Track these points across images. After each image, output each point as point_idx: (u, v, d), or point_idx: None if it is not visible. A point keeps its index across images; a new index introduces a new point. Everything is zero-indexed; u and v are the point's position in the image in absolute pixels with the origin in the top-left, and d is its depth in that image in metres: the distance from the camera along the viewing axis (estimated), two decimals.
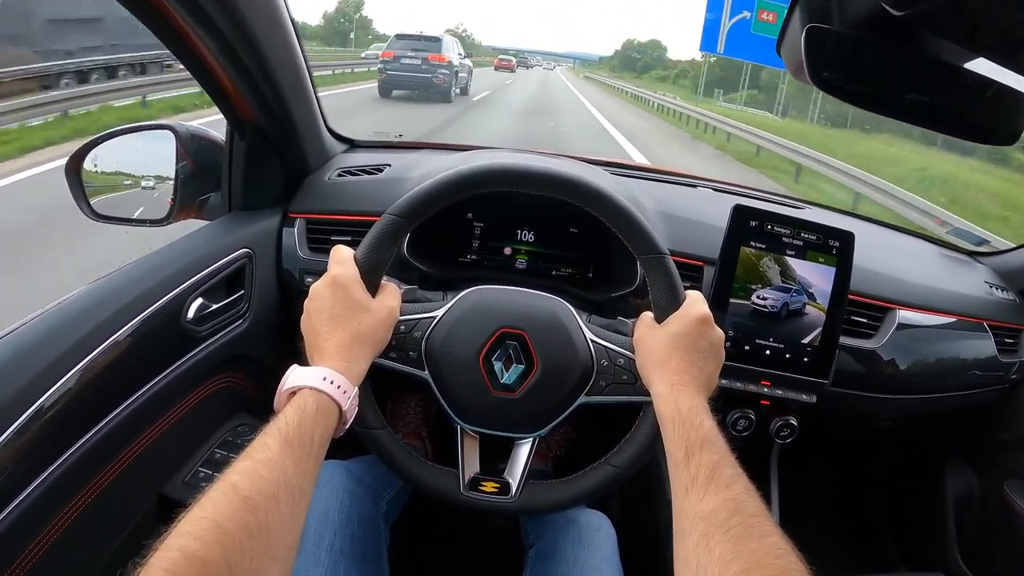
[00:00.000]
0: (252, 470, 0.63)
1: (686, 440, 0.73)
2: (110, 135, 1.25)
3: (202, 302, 1.11)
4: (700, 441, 0.73)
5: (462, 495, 0.92)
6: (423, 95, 16.57)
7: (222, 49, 1.00)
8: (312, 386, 0.74)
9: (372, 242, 0.87)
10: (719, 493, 0.67)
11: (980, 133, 0.93)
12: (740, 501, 0.66)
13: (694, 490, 0.68)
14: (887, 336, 1.33)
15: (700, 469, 0.69)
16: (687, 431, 0.74)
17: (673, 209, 1.38)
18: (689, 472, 0.70)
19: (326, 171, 1.41)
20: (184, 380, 1.08)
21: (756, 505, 0.66)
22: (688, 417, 0.75)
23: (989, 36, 0.75)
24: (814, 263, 1.16)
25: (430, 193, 0.89)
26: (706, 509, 0.65)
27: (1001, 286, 1.58)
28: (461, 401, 0.92)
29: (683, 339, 0.83)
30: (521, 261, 1.34)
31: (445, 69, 16.62)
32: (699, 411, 0.76)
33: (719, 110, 22.44)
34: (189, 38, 0.99)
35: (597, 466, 0.92)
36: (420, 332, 0.92)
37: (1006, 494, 1.55)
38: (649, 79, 62.59)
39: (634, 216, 0.89)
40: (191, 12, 0.91)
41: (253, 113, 1.16)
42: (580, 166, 1.44)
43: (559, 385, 0.91)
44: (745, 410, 1.24)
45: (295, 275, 1.28)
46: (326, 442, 0.73)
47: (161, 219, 1.25)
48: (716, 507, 0.65)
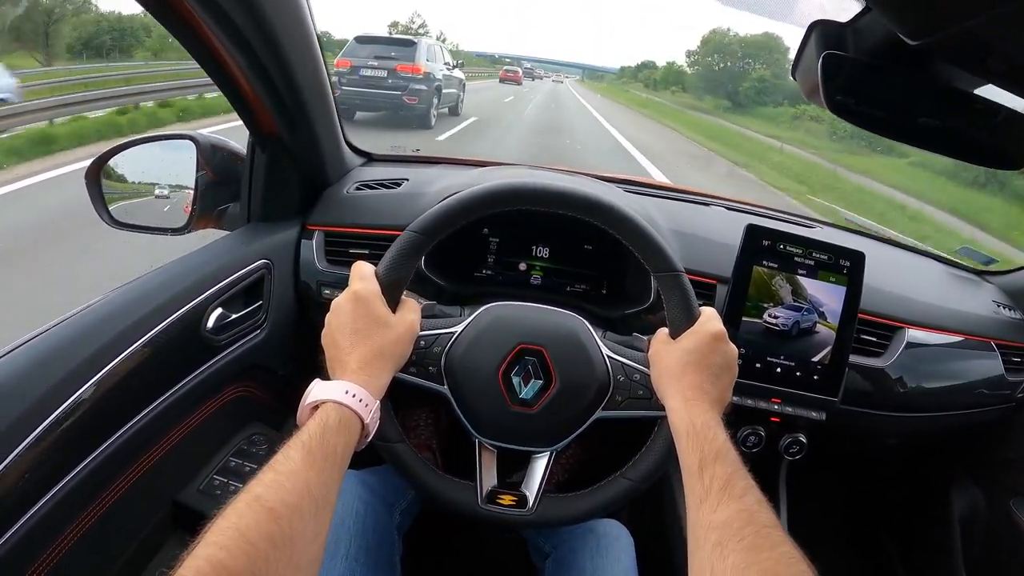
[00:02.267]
0: (276, 482, 0.64)
1: (700, 453, 0.75)
2: (131, 143, 1.27)
3: (221, 312, 1.12)
4: (714, 454, 0.74)
5: (480, 508, 0.93)
6: (395, 118, 12.08)
7: (250, 63, 1.02)
8: (335, 400, 0.75)
9: (393, 258, 0.89)
10: (732, 504, 0.68)
11: (989, 157, 0.95)
12: (753, 512, 0.67)
13: (708, 501, 0.69)
14: (896, 355, 1.34)
15: (714, 481, 0.71)
16: (701, 444, 0.76)
17: (687, 227, 1.39)
18: (703, 484, 0.72)
19: (344, 184, 1.42)
20: (201, 389, 1.10)
21: (768, 516, 0.68)
22: (702, 430, 0.77)
23: (1000, 64, 0.76)
24: (825, 282, 1.17)
25: (451, 211, 0.90)
26: (720, 519, 0.67)
27: (1009, 305, 1.59)
28: (480, 415, 0.94)
29: (697, 355, 0.85)
30: (536, 277, 1.35)
31: (421, 84, 11.79)
32: (712, 425, 0.78)
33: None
34: (217, 51, 1.02)
35: (613, 479, 0.93)
36: (440, 347, 0.93)
37: (1012, 512, 1.55)
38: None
39: (651, 235, 0.91)
40: (221, 26, 0.93)
41: (275, 126, 1.18)
42: (597, 184, 1.45)
43: (576, 400, 0.93)
44: (755, 427, 1.25)
45: (312, 287, 1.29)
46: (348, 454, 0.74)
47: (180, 228, 1.27)
48: (730, 517, 0.67)
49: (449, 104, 14.16)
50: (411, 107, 11.75)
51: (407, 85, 11.63)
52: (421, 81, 11.84)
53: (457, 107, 14.94)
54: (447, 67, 13.76)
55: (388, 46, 12.25)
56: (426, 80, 11.97)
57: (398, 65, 11.69)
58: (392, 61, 11.71)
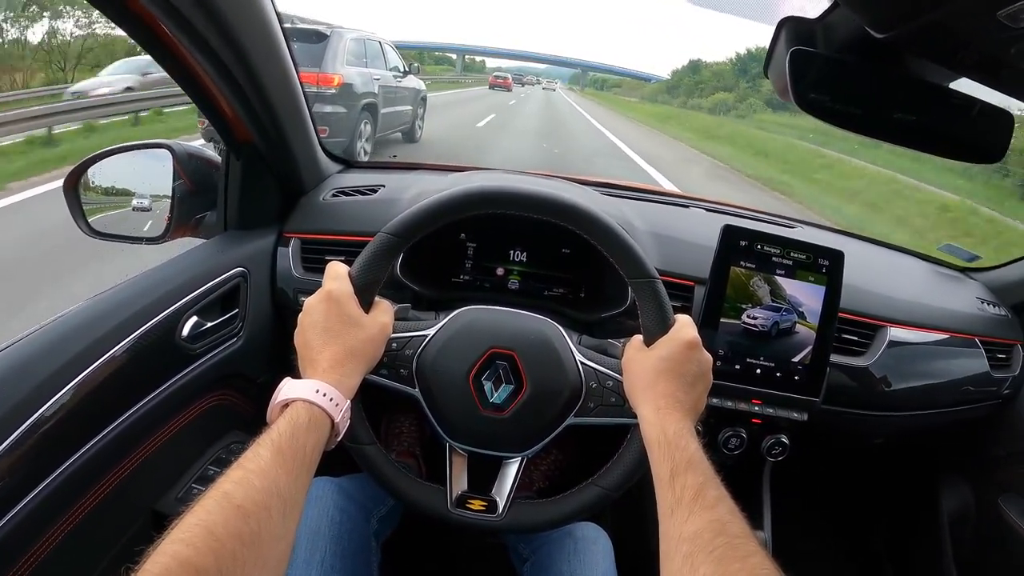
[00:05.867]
0: (244, 479, 0.64)
1: (671, 462, 0.74)
2: (108, 153, 1.27)
3: (197, 320, 1.12)
4: (685, 463, 0.73)
5: (449, 512, 0.93)
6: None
7: (220, 73, 1.02)
8: (305, 398, 0.75)
9: (367, 259, 0.89)
10: (703, 514, 0.67)
11: (966, 152, 0.95)
12: (724, 522, 0.67)
13: (679, 511, 0.69)
14: (878, 354, 1.33)
15: (685, 491, 0.70)
16: (672, 453, 0.75)
17: (665, 230, 1.39)
18: (674, 493, 0.71)
19: (321, 191, 1.42)
20: (178, 397, 1.09)
21: (740, 526, 0.67)
22: (674, 440, 0.76)
23: (971, 57, 0.76)
24: (804, 282, 1.17)
25: (424, 213, 0.90)
26: (690, 530, 0.66)
27: (993, 301, 1.59)
28: (450, 419, 0.93)
29: (670, 363, 0.84)
30: (513, 281, 1.34)
31: (335, 104, 7.30)
32: (684, 434, 0.77)
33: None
34: (187, 62, 1.01)
35: (585, 486, 0.93)
36: (412, 350, 0.93)
37: (1001, 509, 1.55)
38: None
39: (625, 240, 0.91)
40: (190, 37, 0.93)
41: (249, 134, 1.18)
42: (573, 188, 1.46)
43: (548, 406, 0.92)
44: (736, 428, 1.24)
45: (289, 294, 1.29)
46: (318, 453, 0.74)
47: (157, 237, 1.27)
48: (700, 528, 0.66)
49: (400, 127, 9.91)
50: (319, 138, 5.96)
51: (311, 107, 4.91)
52: (335, 99, 7.31)
53: (413, 131, 10.48)
54: (394, 73, 9.26)
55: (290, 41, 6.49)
56: (345, 96, 7.48)
57: (300, 73, 5.03)
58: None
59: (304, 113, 1.27)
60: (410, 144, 10.39)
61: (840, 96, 0.87)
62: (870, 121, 0.90)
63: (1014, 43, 0.66)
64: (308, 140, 1.35)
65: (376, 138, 8.50)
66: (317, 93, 7.02)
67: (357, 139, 7.80)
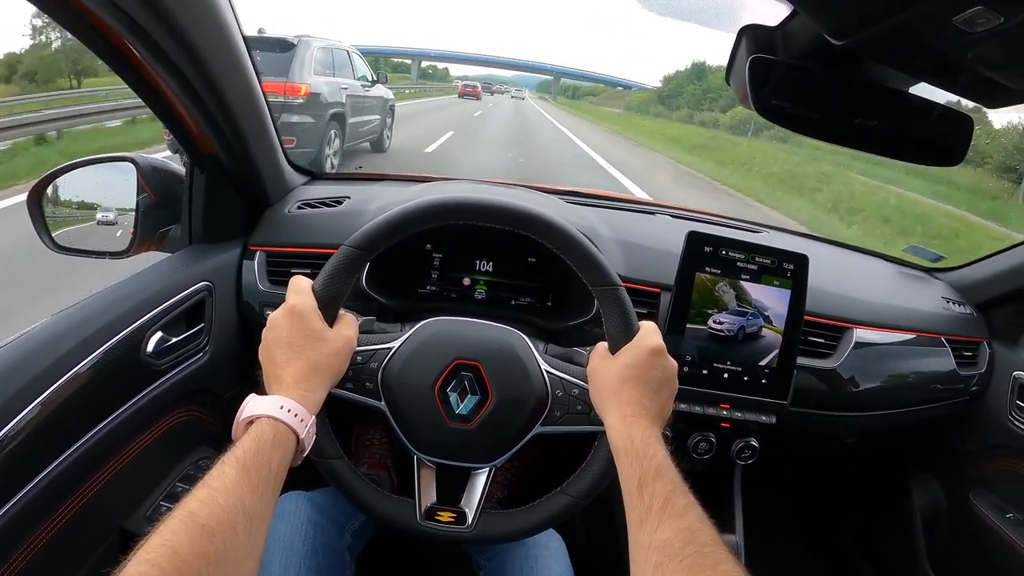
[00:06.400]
0: (209, 498, 0.63)
1: (639, 471, 0.74)
2: (71, 167, 1.25)
3: (161, 335, 1.10)
4: (653, 472, 0.74)
5: (418, 524, 0.93)
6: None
7: (181, 86, 1.01)
8: (269, 415, 0.75)
9: (330, 273, 0.89)
10: (673, 523, 0.68)
11: (927, 155, 0.96)
12: (694, 530, 0.67)
13: (648, 521, 0.69)
14: (845, 355, 1.35)
15: (654, 500, 0.71)
16: (640, 462, 0.75)
17: (630, 237, 1.40)
18: (643, 503, 0.71)
19: (286, 203, 1.41)
20: (144, 413, 1.08)
21: (709, 534, 0.67)
22: (641, 448, 0.76)
23: (930, 62, 0.77)
24: (769, 286, 1.18)
25: (386, 226, 0.91)
26: (660, 539, 0.67)
27: (958, 300, 1.62)
28: (417, 431, 0.93)
29: (635, 370, 0.85)
30: (480, 291, 1.34)
31: (302, 113, 7.31)
32: (652, 442, 0.77)
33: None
34: (148, 74, 1.00)
35: (554, 495, 0.93)
36: (377, 363, 0.93)
37: (972, 504, 1.57)
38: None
39: (586, 247, 0.91)
40: (150, 50, 0.92)
41: (213, 147, 1.17)
42: (536, 197, 1.46)
43: (514, 415, 0.92)
44: (705, 433, 1.25)
45: (255, 308, 1.28)
46: (284, 470, 0.74)
47: (122, 251, 1.25)
48: (670, 537, 0.66)
49: (369, 137, 9.89)
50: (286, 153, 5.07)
51: (277, 117, 4.15)
52: (303, 108, 7.27)
53: (381, 141, 10.50)
54: (362, 82, 9.20)
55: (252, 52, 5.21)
56: (312, 106, 7.44)
57: (264, 83, 4.47)
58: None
59: (268, 126, 1.26)
60: (379, 154, 10.46)
61: (801, 102, 0.88)
62: (831, 127, 0.91)
63: (971, 47, 0.67)
64: (272, 152, 1.34)
65: (344, 148, 8.50)
66: (284, 103, 6.98)
67: (325, 149, 7.77)
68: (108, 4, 0.81)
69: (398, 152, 11.33)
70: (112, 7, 0.81)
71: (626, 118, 43.67)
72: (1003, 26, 0.58)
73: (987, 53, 0.69)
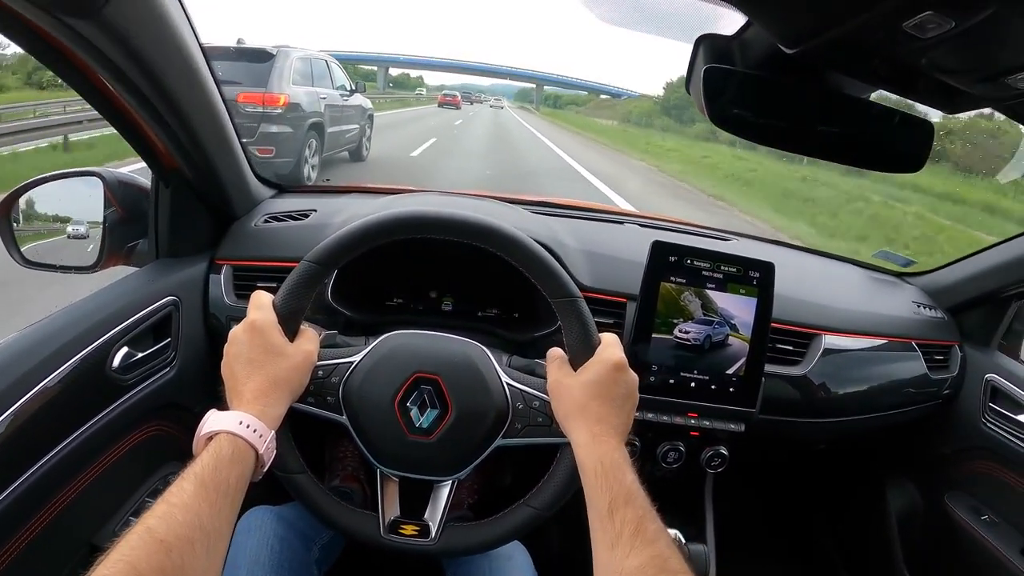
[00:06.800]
0: (168, 513, 0.64)
1: (610, 494, 0.74)
2: (38, 181, 1.25)
3: (128, 350, 1.10)
4: (624, 496, 0.74)
5: (382, 538, 0.93)
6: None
7: (140, 102, 1.00)
8: (228, 430, 0.75)
9: (290, 288, 0.89)
10: (645, 550, 0.68)
11: (889, 162, 0.97)
12: (665, 557, 0.68)
13: (620, 546, 0.70)
14: (813, 361, 1.36)
15: (625, 525, 0.71)
16: (610, 485, 0.75)
17: (597, 247, 1.40)
18: (614, 527, 0.71)
19: (253, 217, 1.41)
20: (111, 429, 1.08)
21: (679, 562, 0.68)
22: (611, 470, 0.77)
23: (885, 68, 0.78)
24: (735, 295, 1.19)
25: (346, 240, 0.91)
26: (632, 565, 0.67)
27: (929, 305, 1.63)
28: (378, 445, 0.93)
29: (599, 387, 0.85)
30: (447, 303, 1.35)
31: (280, 124, 7.20)
32: (621, 463, 0.78)
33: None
34: (106, 90, 1.00)
35: (517, 507, 0.93)
36: (338, 377, 0.93)
37: (948, 507, 1.58)
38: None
39: (544, 259, 0.92)
40: (105, 67, 0.91)
41: (175, 161, 1.17)
42: (500, 208, 1.47)
43: (474, 428, 0.92)
44: (674, 442, 1.25)
45: (222, 322, 1.27)
46: (243, 486, 0.74)
47: (89, 266, 1.25)
48: (643, 563, 0.67)
49: (347, 146, 9.89)
50: (265, 163, 6.77)
51: (256, 127, 6.87)
52: (281, 118, 7.16)
53: (360, 150, 10.43)
54: (341, 92, 9.22)
55: (229, 62, 7.22)
56: (291, 116, 7.34)
57: (241, 94, 6.91)
58: (233, 87, 6.85)
59: (231, 139, 1.26)
60: (357, 163, 10.37)
61: (760, 112, 0.88)
62: (793, 136, 0.92)
63: (923, 53, 0.67)
64: (237, 166, 1.33)
65: (324, 157, 8.51)
66: (263, 113, 6.98)
67: (304, 159, 7.72)
68: (57, 22, 0.80)
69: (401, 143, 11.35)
70: (61, 24, 0.81)
71: (633, 135, 32.92)
72: (955, 30, 0.58)
73: (940, 58, 0.69)
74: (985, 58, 0.70)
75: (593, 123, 46.10)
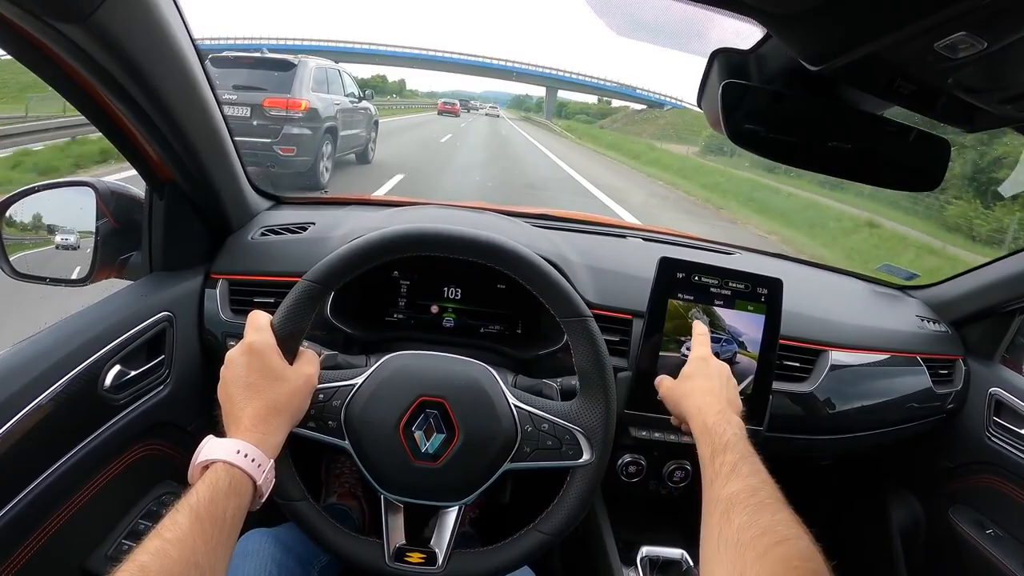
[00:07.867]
0: (161, 550, 0.62)
1: (711, 445, 0.86)
2: (29, 191, 1.22)
3: (120, 369, 1.07)
4: (723, 445, 0.85)
5: (387, 567, 0.91)
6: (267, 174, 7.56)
7: (134, 112, 0.97)
8: (225, 460, 0.73)
9: (288, 309, 0.87)
10: (739, 481, 0.78)
11: (905, 180, 0.95)
12: (757, 488, 0.76)
13: (717, 481, 0.80)
14: (820, 378, 1.34)
15: (723, 466, 0.81)
16: (712, 439, 0.87)
17: (601, 262, 1.38)
18: (714, 468, 0.82)
19: (249, 230, 1.38)
20: (103, 451, 1.05)
21: (772, 491, 0.76)
22: (712, 428, 0.88)
23: (908, 87, 0.76)
24: (743, 311, 1.17)
25: (345, 260, 0.89)
26: (728, 492, 0.76)
27: (933, 318, 1.62)
28: (383, 471, 0.91)
29: (696, 376, 1.02)
30: (448, 319, 1.32)
31: (301, 126, 7.91)
32: (722, 423, 0.89)
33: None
34: (98, 98, 0.97)
35: (526, 533, 0.91)
36: (339, 401, 0.91)
37: (952, 521, 1.57)
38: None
39: (553, 278, 0.90)
40: (96, 74, 0.89)
41: (170, 172, 1.13)
42: (503, 223, 1.44)
43: (482, 453, 0.90)
44: (681, 461, 1.24)
45: (218, 338, 1.24)
46: (240, 518, 0.72)
47: (81, 279, 1.22)
48: (737, 490, 0.76)
49: (355, 149, 10.51)
50: (287, 161, 7.77)
51: (279, 129, 7.66)
52: (301, 122, 7.92)
53: (366, 152, 11.07)
54: (350, 99, 9.91)
55: (255, 70, 8.07)
56: (310, 120, 8.08)
57: (267, 99, 7.69)
58: (259, 93, 7.71)
59: (228, 149, 1.22)
60: (364, 165, 11.03)
61: (775, 127, 0.87)
62: (806, 152, 0.90)
63: (951, 73, 0.67)
64: (234, 177, 1.30)
65: (335, 158, 9.14)
66: (286, 116, 7.84)
67: (320, 159, 8.39)
68: (46, 26, 0.78)
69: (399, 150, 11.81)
70: (50, 28, 0.78)
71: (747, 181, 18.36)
72: (986, 51, 0.58)
73: (967, 78, 0.69)
74: (1013, 79, 0.69)
75: (658, 153, 27.21)
